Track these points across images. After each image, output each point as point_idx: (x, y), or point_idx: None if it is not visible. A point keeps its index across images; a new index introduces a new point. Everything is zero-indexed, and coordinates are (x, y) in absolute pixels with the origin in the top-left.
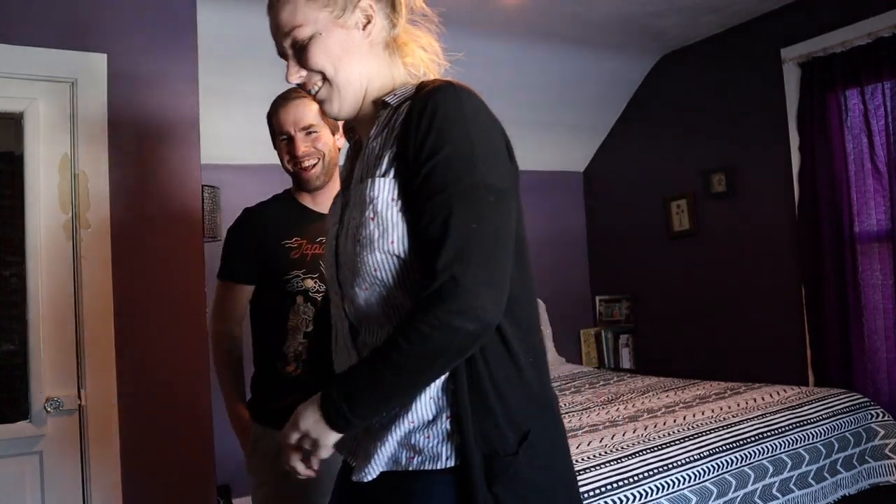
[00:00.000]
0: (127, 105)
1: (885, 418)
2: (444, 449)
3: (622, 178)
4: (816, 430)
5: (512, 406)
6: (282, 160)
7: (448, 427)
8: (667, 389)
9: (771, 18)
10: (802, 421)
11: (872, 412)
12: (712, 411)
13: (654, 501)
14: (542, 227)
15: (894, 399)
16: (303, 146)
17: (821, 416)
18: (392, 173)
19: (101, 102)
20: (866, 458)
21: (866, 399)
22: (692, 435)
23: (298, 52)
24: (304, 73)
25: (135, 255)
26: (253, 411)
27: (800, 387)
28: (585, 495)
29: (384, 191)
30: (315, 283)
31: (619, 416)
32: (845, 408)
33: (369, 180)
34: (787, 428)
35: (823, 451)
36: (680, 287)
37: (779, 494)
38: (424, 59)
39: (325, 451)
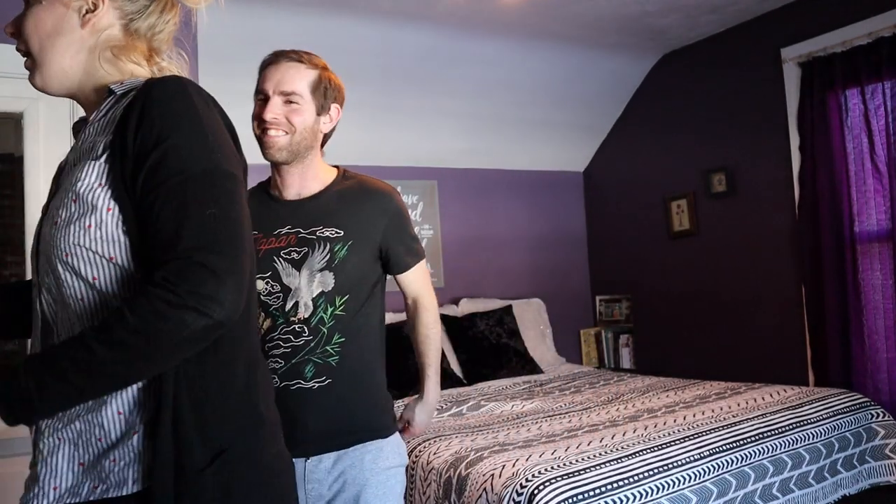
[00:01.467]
0: None
1: (886, 418)
2: (131, 472)
3: (622, 178)
4: (816, 430)
5: (213, 420)
6: (252, 123)
7: (139, 446)
8: (667, 389)
9: (771, 18)
10: (802, 421)
11: (872, 412)
12: (712, 411)
13: (654, 501)
14: (542, 227)
15: (894, 399)
16: (273, 111)
17: (821, 416)
18: (104, 158)
19: None
20: (866, 457)
21: (866, 399)
22: (692, 435)
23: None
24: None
25: None
26: None
27: (800, 387)
28: (585, 495)
29: (91, 174)
30: (267, 284)
31: (619, 416)
32: (845, 408)
33: (79, 164)
34: (787, 428)
35: (823, 450)
36: (680, 287)
37: (779, 494)
38: (172, 68)
39: None
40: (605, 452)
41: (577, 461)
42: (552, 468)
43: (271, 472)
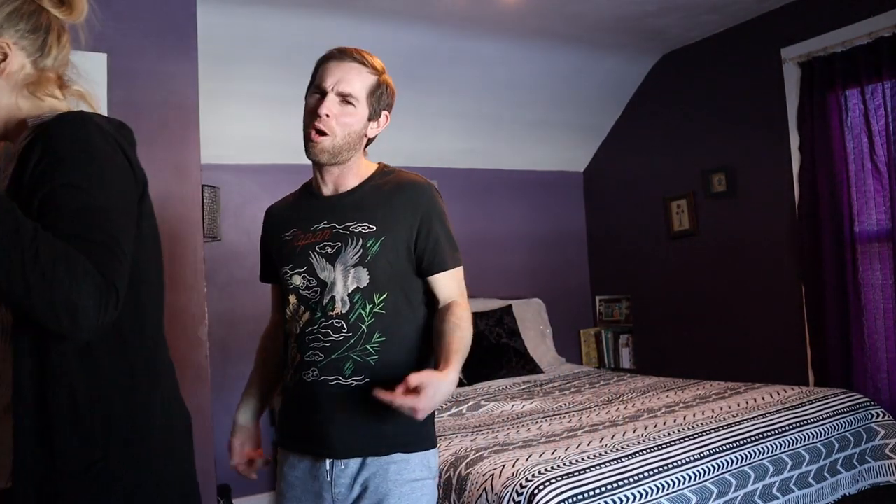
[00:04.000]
0: (127, 105)
1: (886, 418)
2: (5, 463)
3: (622, 178)
4: (816, 429)
5: (93, 428)
6: (304, 117)
7: (12, 441)
8: (667, 389)
9: (771, 18)
10: (802, 421)
11: (872, 412)
12: (712, 411)
13: (654, 501)
14: (542, 227)
15: (894, 399)
16: (329, 108)
17: (821, 416)
18: (5, 188)
19: (101, 102)
20: (866, 458)
21: (866, 399)
22: (692, 435)
23: None
24: None
25: None
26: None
27: (800, 387)
28: (585, 495)
29: None
30: (304, 279)
31: (619, 416)
32: (845, 408)
33: None
34: (787, 428)
35: (823, 450)
36: (680, 287)
37: (779, 494)
38: (83, 90)
39: None
40: (605, 452)
41: (577, 461)
42: (552, 468)
43: (160, 478)
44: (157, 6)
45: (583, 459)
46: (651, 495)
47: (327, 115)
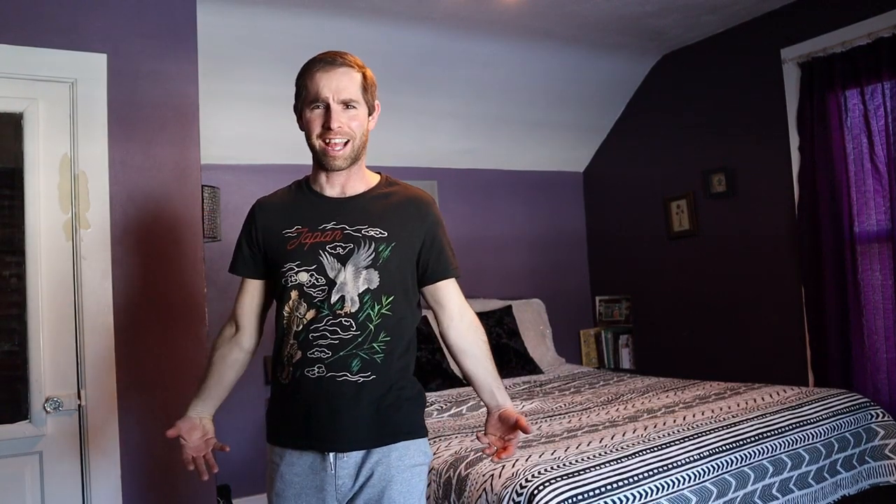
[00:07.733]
0: (127, 105)
1: (885, 418)
2: None
3: (622, 178)
4: (816, 430)
5: None
6: (309, 133)
7: None
8: (667, 389)
9: (771, 18)
10: (802, 421)
11: (872, 412)
12: (712, 411)
13: (654, 501)
14: (542, 227)
15: (894, 399)
16: (339, 119)
17: (821, 416)
18: None
19: (101, 102)
20: (866, 458)
21: (866, 399)
22: (692, 435)
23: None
24: None
25: (134, 255)
26: (267, 428)
27: (800, 387)
28: (585, 495)
29: None
30: (311, 276)
31: (618, 417)
32: (845, 408)
33: None
34: (786, 428)
35: (823, 451)
36: (680, 287)
37: (778, 495)
38: None
39: None
40: (605, 453)
41: (576, 461)
42: (552, 468)
43: None
44: (157, 6)
45: (582, 460)
46: (651, 496)
47: (339, 126)
